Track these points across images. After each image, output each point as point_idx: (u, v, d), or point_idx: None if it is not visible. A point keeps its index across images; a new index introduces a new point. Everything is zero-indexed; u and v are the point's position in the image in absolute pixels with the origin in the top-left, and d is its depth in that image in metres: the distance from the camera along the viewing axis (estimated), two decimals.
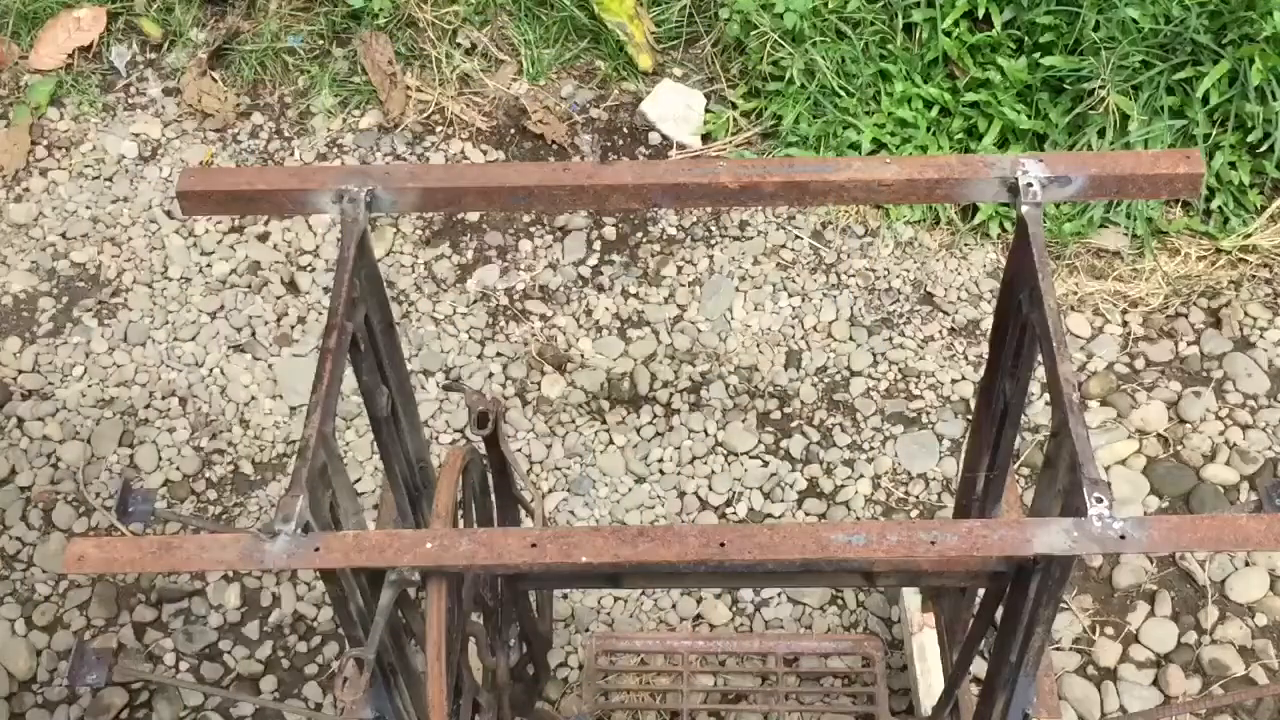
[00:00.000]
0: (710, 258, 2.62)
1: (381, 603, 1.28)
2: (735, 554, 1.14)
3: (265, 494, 2.33)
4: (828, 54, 2.67)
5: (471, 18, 2.91)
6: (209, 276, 2.62)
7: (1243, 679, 2.09)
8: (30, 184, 2.79)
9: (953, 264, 2.60)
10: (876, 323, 2.52)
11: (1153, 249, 2.57)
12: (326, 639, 2.17)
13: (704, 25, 2.91)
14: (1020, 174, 1.32)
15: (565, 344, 2.51)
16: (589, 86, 2.90)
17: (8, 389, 2.48)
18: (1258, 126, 2.50)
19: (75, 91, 2.92)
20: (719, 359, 2.47)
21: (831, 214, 2.67)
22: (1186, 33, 2.48)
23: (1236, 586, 2.17)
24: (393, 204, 1.37)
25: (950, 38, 2.64)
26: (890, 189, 1.34)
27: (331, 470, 1.26)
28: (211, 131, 2.86)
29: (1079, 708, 2.06)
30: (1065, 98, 2.58)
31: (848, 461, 2.34)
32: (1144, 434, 2.36)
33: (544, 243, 2.66)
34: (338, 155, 2.81)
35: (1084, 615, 2.15)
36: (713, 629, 2.16)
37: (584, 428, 2.39)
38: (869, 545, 1.12)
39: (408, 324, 2.53)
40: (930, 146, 2.63)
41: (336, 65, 2.92)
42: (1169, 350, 2.46)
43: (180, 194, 1.38)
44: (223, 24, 2.98)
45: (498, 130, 2.83)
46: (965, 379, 2.43)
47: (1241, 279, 2.55)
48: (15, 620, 2.20)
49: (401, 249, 2.66)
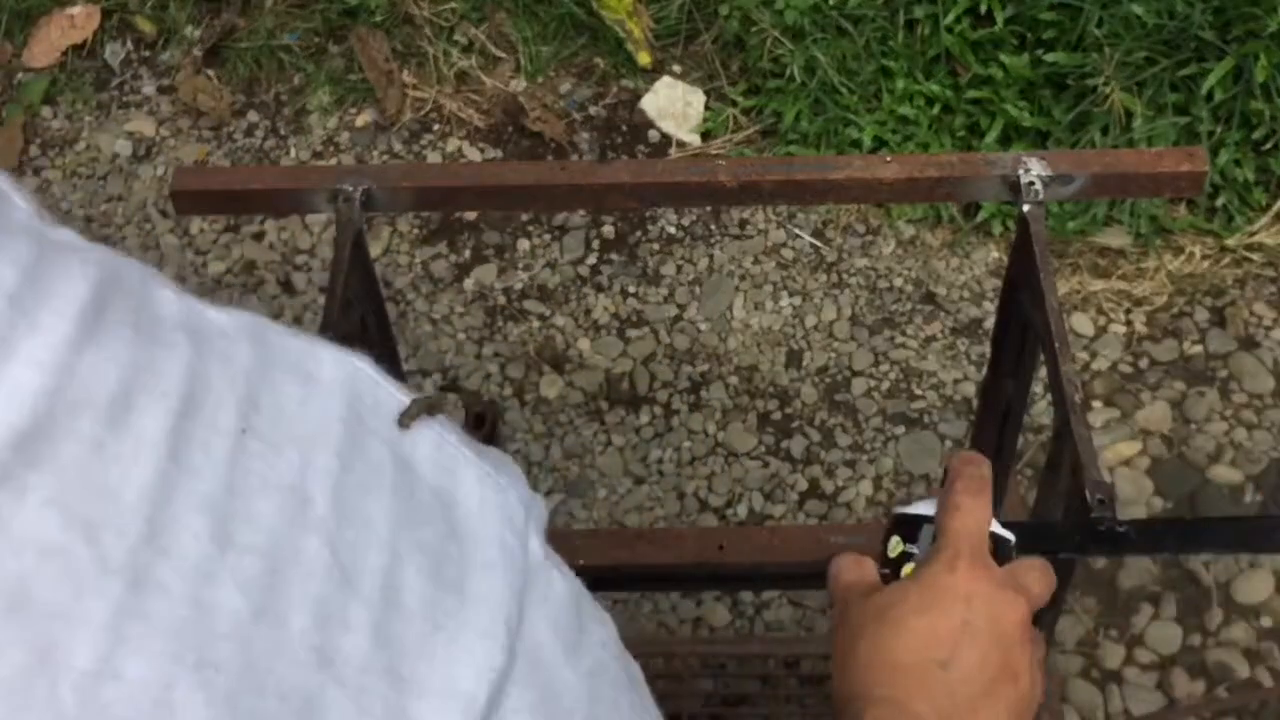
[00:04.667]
0: (710, 257, 2.60)
1: None
2: (734, 556, 1.13)
3: None
4: (828, 51, 2.65)
5: (469, 14, 2.89)
6: (204, 276, 2.60)
7: (1248, 681, 2.07)
8: (23, 183, 2.77)
9: (955, 263, 2.58)
10: (878, 322, 2.50)
11: (1156, 247, 2.56)
12: None
13: (703, 22, 2.89)
14: (1022, 172, 1.30)
15: (563, 344, 2.49)
16: (587, 84, 2.88)
17: None
18: (1263, 124, 2.48)
19: (69, 89, 2.91)
20: (719, 359, 2.46)
21: (833, 212, 2.65)
22: (1191, 29, 2.46)
23: (1242, 588, 2.15)
24: (389, 203, 1.36)
25: (952, 34, 2.62)
26: (890, 188, 1.33)
27: None
28: (206, 129, 2.84)
29: (1082, 711, 2.05)
30: (1068, 95, 2.56)
31: (849, 462, 2.32)
32: (1148, 434, 2.34)
33: (542, 242, 2.64)
34: (334, 153, 2.79)
35: (1087, 617, 2.14)
36: (712, 632, 2.15)
37: (582, 428, 2.38)
38: (868, 547, 1.10)
39: (404, 324, 2.51)
40: (932, 144, 2.61)
41: (332, 63, 2.90)
42: (1173, 349, 2.45)
43: (174, 194, 1.37)
44: (218, 21, 2.96)
45: (495, 128, 2.82)
46: (967, 379, 2.41)
47: (1246, 277, 2.53)
48: None
49: (398, 248, 2.64)
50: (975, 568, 0.84)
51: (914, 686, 0.80)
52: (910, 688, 0.80)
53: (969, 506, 0.86)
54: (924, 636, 0.81)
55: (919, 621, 0.81)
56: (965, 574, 0.83)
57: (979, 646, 0.81)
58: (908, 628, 0.81)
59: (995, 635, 0.81)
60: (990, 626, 0.81)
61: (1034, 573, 0.87)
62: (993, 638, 0.81)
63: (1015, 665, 0.82)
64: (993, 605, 0.82)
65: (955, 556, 0.84)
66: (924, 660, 0.80)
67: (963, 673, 0.80)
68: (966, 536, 0.85)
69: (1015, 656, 0.82)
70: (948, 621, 0.81)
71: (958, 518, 0.85)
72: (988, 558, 0.85)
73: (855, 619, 0.84)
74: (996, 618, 0.82)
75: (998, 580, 0.84)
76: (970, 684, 0.80)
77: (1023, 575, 0.86)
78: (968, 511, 0.86)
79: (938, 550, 0.85)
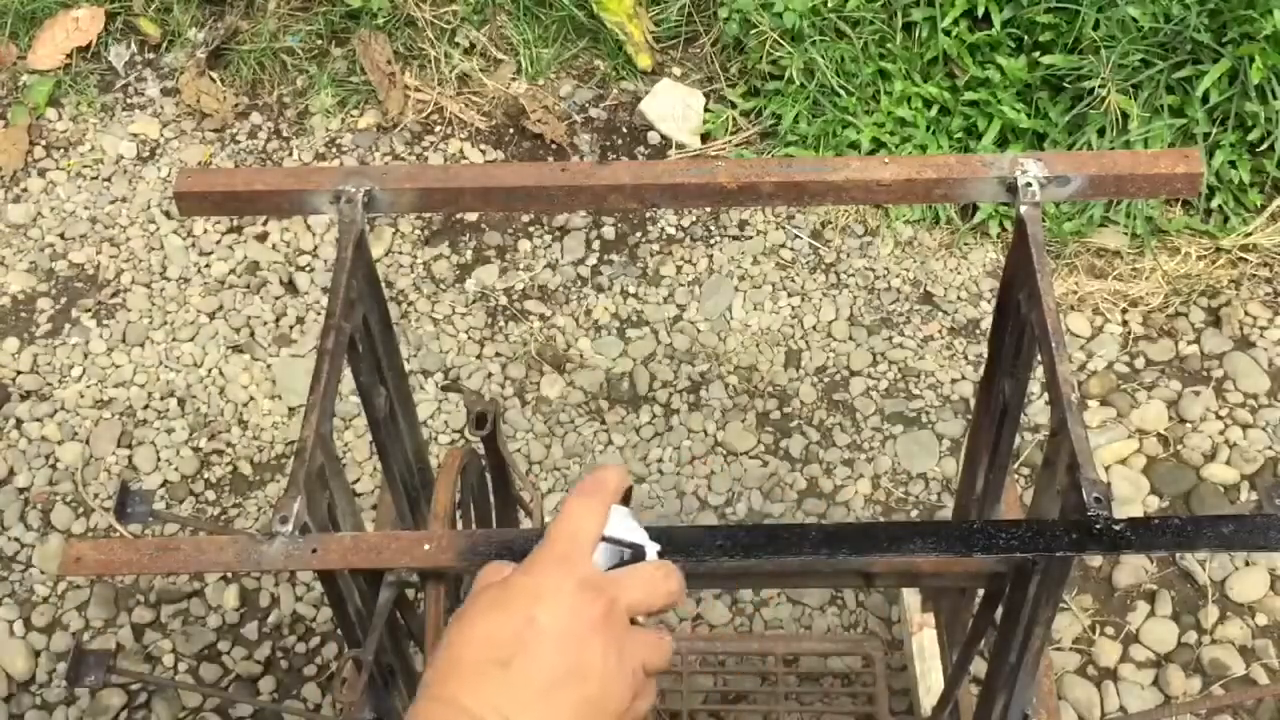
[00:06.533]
0: (710, 257, 2.61)
1: (380, 604, 1.28)
2: None
3: (264, 495, 2.33)
4: (827, 53, 2.67)
5: (470, 17, 2.91)
6: (207, 277, 2.62)
7: (1243, 679, 2.09)
8: (28, 184, 2.79)
9: (952, 263, 2.60)
10: (876, 322, 2.51)
11: (1153, 248, 2.57)
12: (325, 640, 2.17)
13: (703, 24, 2.91)
14: (1019, 174, 1.32)
15: (564, 344, 2.50)
16: (588, 86, 2.90)
17: (6, 390, 2.47)
18: (1258, 125, 2.49)
19: (73, 92, 2.92)
20: (718, 359, 2.47)
21: (831, 213, 2.66)
22: (1186, 31, 2.48)
23: (1237, 586, 2.16)
24: (390, 204, 1.37)
25: (950, 36, 2.63)
26: (888, 189, 1.34)
27: (329, 471, 1.25)
28: (210, 131, 2.86)
29: (1079, 708, 2.06)
30: (1065, 96, 2.57)
31: (847, 461, 2.33)
32: (1144, 433, 2.35)
33: (543, 242, 2.65)
34: (336, 155, 2.81)
35: (1084, 615, 2.15)
36: (712, 629, 2.16)
37: (583, 428, 2.39)
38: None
39: (406, 324, 2.53)
40: (930, 146, 2.63)
41: (335, 65, 2.91)
42: (1169, 349, 2.46)
43: (178, 195, 1.38)
44: (221, 24, 2.97)
45: (496, 130, 2.83)
46: (965, 378, 2.43)
47: (1241, 278, 2.55)
48: (14, 621, 2.20)
49: (400, 249, 2.65)
50: (557, 568, 0.84)
51: (469, 684, 0.80)
52: (465, 685, 0.80)
53: (571, 511, 0.88)
54: (487, 635, 0.81)
55: (484, 620, 0.82)
56: (543, 574, 0.84)
57: (544, 645, 0.81)
58: (473, 626, 0.82)
59: (565, 635, 0.81)
60: (560, 626, 0.81)
61: (636, 577, 0.87)
62: (561, 638, 0.81)
63: (586, 667, 0.81)
64: (565, 606, 0.82)
65: (540, 558, 0.85)
66: (483, 659, 0.80)
67: (523, 672, 0.80)
68: (561, 539, 0.86)
69: (586, 657, 0.81)
70: (513, 621, 0.81)
71: (558, 521, 0.87)
72: (582, 560, 0.86)
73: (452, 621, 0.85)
74: (567, 619, 0.82)
75: (580, 581, 0.84)
76: (530, 683, 0.80)
77: (623, 579, 0.87)
78: (568, 516, 0.87)
79: (531, 552, 0.86)
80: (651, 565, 0.90)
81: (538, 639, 0.81)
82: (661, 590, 0.88)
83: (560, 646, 0.81)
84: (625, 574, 0.88)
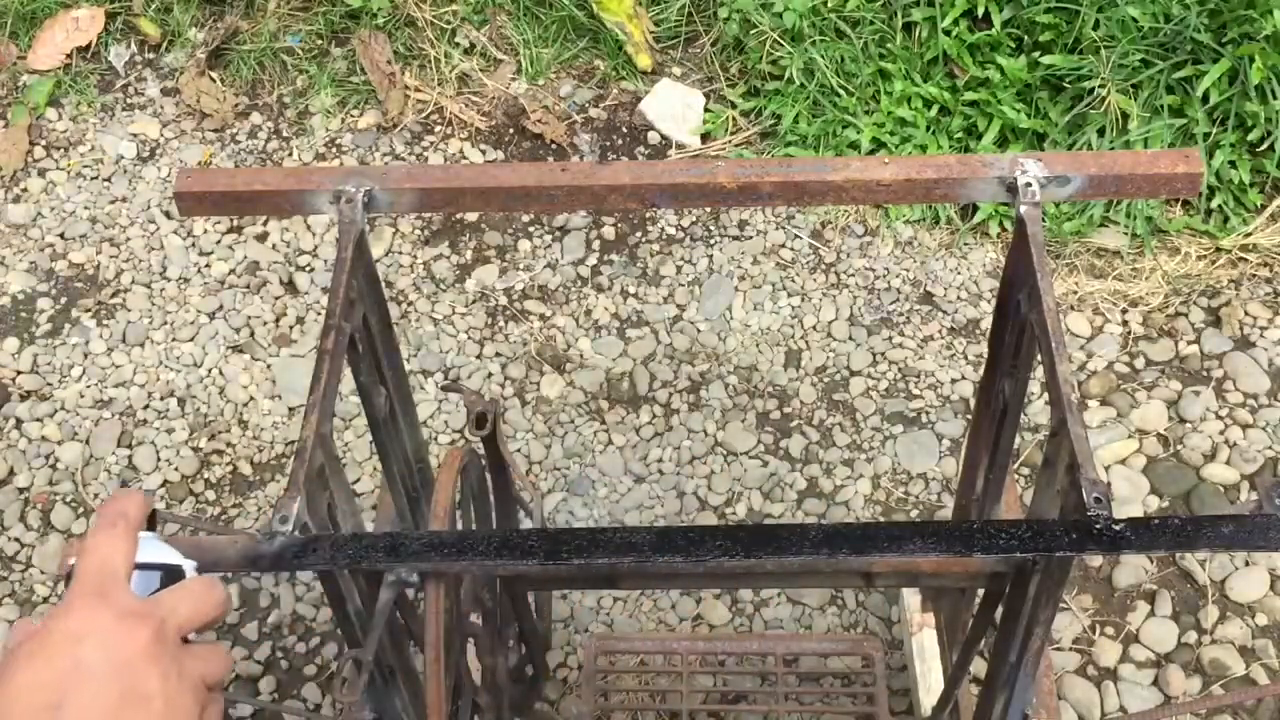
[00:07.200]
0: (709, 257, 2.61)
1: (380, 604, 1.28)
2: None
3: (264, 495, 2.33)
4: (827, 53, 2.67)
5: (470, 17, 2.91)
6: (207, 277, 2.62)
7: (1243, 679, 2.09)
8: (28, 184, 2.79)
9: (952, 263, 2.60)
10: (876, 322, 2.52)
11: (1153, 248, 2.57)
12: (325, 639, 2.17)
13: (703, 24, 2.91)
14: (1019, 174, 1.32)
15: (564, 344, 2.50)
16: (588, 86, 2.90)
17: (6, 390, 2.47)
18: (1258, 125, 2.49)
19: (73, 92, 2.92)
20: (718, 359, 2.47)
21: (831, 213, 2.66)
22: (1186, 31, 2.48)
23: (1237, 586, 2.16)
24: (390, 204, 1.37)
25: (950, 36, 2.63)
26: (888, 189, 1.34)
27: (329, 471, 1.25)
28: (210, 131, 2.86)
29: (1079, 708, 2.06)
30: (1065, 96, 2.57)
31: (847, 461, 2.33)
32: (1144, 433, 2.35)
33: (543, 242, 2.65)
34: (336, 155, 2.81)
35: (1084, 615, 2.15)
36: (712, 629, 2.16)
37: (583, 428, 2.39)
38: None
39: (406, 324, 2.53)
40: (930, 146, 2.63)
41: (335, 65, 2.91)
42: (1169, 349, 2.46)
43: (178, 195, 1.38)
44: (221, 24, 2.97)
45: (496, 130, 2.83)
46: (965, 378, 2.43)
47: (1241, 278, 2.55)
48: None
49: (400, 249, 2.65)
50: (92, 606, 0.84)
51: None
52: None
53: (96, 545, 0.87)
54: (32, 683, 0.80)
55: (26, 670, 0.81)
56: (79, 614, 0.83)
57: (94, 683, 0.80)
58: (15, 679, 0.81)
59: (115, 667, 0.81)
60: (109, 660, 0.81)
61: (179, 595, 0.87)
62: (110, 671, 0.81)
63: (143, 690, 0.81)
64: (109, 639, 0.82)
65: (73, 599, 0.84)
66: (33, 708, 0.79)
67: (78, 711, 0.79)
68: (89, 576, 0.85)
69: (142, 682, 0.81)
70: (56, 666, 0.81)
71: (82, 559, 0.87)
72: (117, 592, 0.85)
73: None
74: (114, 650, 0.82)
75: (119, 612, 0.84)
76: (89, 719, 0.79)
77: (165, 600, 0.86)
78: (92, 551, 0.87)
79: (63, 596, 0.86)
80: (193, 580, 0.90)
81: (86, 678, 0.80)
82: (208, 602, 0.88)
83: (113, 678, 0.81)
84: (167, 594, 0.88)
